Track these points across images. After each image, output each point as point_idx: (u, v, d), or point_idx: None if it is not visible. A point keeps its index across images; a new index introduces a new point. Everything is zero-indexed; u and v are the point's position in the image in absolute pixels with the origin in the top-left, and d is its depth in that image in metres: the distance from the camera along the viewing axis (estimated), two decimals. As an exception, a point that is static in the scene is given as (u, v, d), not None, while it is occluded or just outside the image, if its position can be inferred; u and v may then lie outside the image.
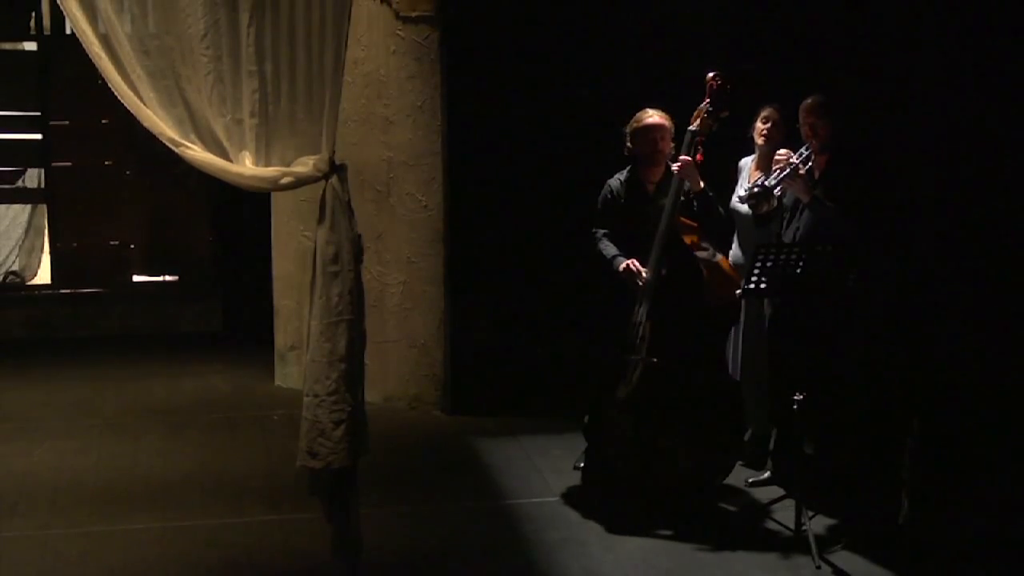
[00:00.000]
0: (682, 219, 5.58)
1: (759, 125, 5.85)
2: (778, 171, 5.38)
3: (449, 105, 7.03)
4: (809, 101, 5.49)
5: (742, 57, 6.68)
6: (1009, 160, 6.81)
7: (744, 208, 5.84)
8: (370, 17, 7.03)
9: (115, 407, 7.36)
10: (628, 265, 5.54)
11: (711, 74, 5.60)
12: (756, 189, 5.40)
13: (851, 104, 6.00)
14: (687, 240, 5.54)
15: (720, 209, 5.68)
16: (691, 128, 5.59)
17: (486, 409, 7.10)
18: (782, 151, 5.45)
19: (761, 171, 5.81)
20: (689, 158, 5.51)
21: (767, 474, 5.76)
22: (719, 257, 5.60)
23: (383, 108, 7.13)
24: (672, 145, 5.68)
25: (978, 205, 6.81)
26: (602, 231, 5.76)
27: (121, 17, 4.16)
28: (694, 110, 5.61)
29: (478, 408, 7.10)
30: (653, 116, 5.67)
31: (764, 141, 5.84)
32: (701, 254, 5.53)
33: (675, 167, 5.51)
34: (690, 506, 5.49)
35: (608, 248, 5.70)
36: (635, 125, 5.71)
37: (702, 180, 5.56)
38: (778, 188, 5.38)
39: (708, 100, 5.58)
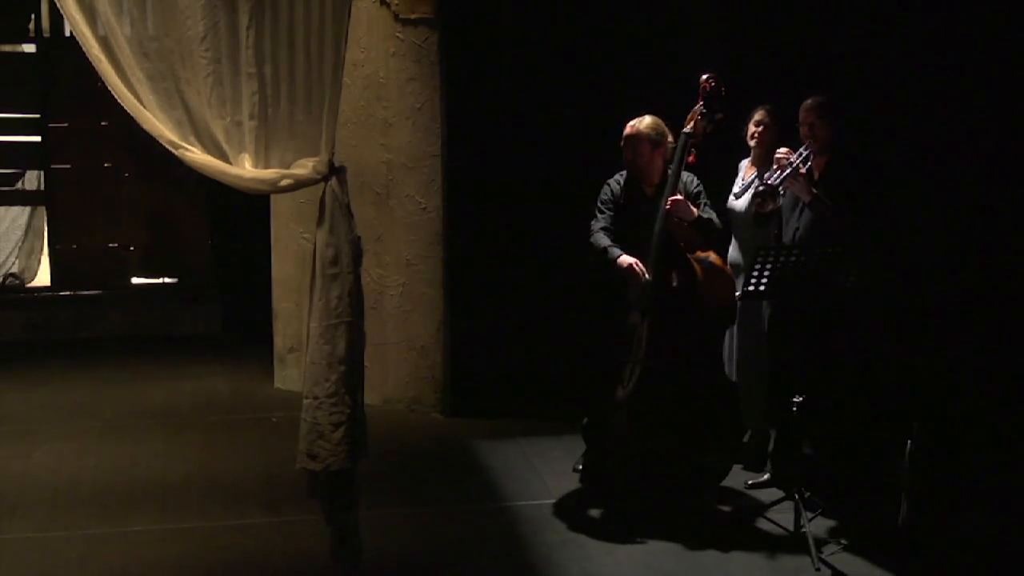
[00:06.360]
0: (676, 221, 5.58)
1: (751, 128, 5.87)
2: (779, 170, 5.38)
3: (448, 107, 7.04)
4: (809, 101, 5.51)
5: (742, 58, 6.69)
6: (1009, 160, 6.82)
7: (740, 206, 5.86)
8: (369, 19, 7.03)
9: (114, 409, 7.35)
10: (632, 264, 5.52)
11: (705, 76, 5.61)
12: (760, 188, 5.40)
13: (850, 105, 6.00)
14: (682, 243, 5.54)
15: (718, 224, 5.67)
16: (685, 130, 5.59)
17: (485, 411, 7.10)
18: (782, 149, 5.45)
19: (756, 169, 5.83)
20: (680, 197, 5.50)
21: (767, 476, 5.76)
22: (714, 258, 5.59)
23: (382, 110, 7.13)
24: (664, 150, 5.64)
25: (977, 206, 6.82)
26: (599, 225, 5.70)
27: (120, 19, 4.16)
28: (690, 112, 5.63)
29: (477, 410, 7.10)
30: (629, 127, 5.65)
31: (755, 144, 5.86)
32: (696, 255, 5.52)
33: (665, 207, 5.50)
34: (689, 508, 5.49)
35: (602, 240, 5.64)
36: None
37: (695, 207, 5.55)
38: (781, 187, 5.38)
39: (702, 102, 5.59)
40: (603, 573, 4.84)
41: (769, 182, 5.38)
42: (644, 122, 5.62)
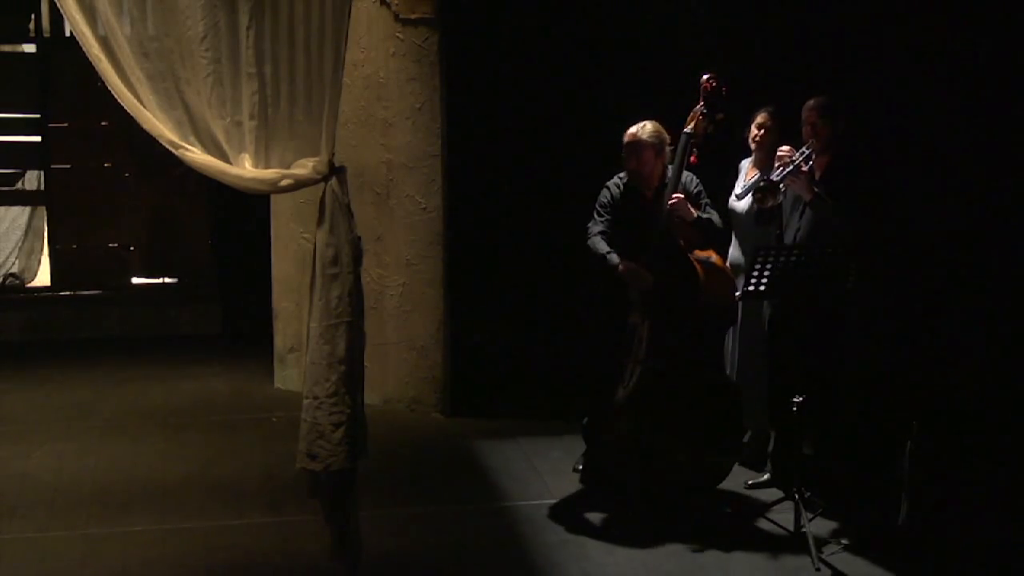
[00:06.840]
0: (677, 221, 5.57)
1: (753, 130, 5.87)
2: (781, 167, 5.39)
3: (448, 107, 7.04)
4: (812, 101, 5.52)
5: (742, 58, 6.70)
6: (1009, 160, 6.82)
7: (741, 207, 5.86)
8: (370, 19, 7.03)
9: (114, 409, 7.36)
10: (633, 268, 5.52)
11: (705, 76, 5.61)
12: (762, 183, 5.40)
13: (852, 105, 6.00)
14: (683, 242, 5.54)
15: (718, 224, 5.67)
16: (686, 131, 5.59)
17: (485, 411, 7.10)
18: (784, 147, 5.45)
19: (758, 171, 5.83)
20: (680, 196, 5.51)
21: (766, 476, 5.76)
22: (715, 258, 5.59)
23: (383, 110, 7.14)
24: (665, 154, 5.64)
25: (978, 206, 6.82)
26: (597, 229, 5.70)
27: (120, 19, 4.16)
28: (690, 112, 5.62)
29: (477, 410, 7.11)
30: (630, 135, 5.64)
31: (757, 147, 5.86)
32: (697, 255, 5.53)
33: (668, 205, 5.50)
34: (689, 508, 5.49)
35: (600, 245, 5.64)
36: None
37: (694, 208, 5.55)
38: (782, 184, 5.38)
39: (702, 102, 5.59)
40: (603, 573, 4.84)
41: (771, 177, 5.39)
42: (646, 130, 5.61)
